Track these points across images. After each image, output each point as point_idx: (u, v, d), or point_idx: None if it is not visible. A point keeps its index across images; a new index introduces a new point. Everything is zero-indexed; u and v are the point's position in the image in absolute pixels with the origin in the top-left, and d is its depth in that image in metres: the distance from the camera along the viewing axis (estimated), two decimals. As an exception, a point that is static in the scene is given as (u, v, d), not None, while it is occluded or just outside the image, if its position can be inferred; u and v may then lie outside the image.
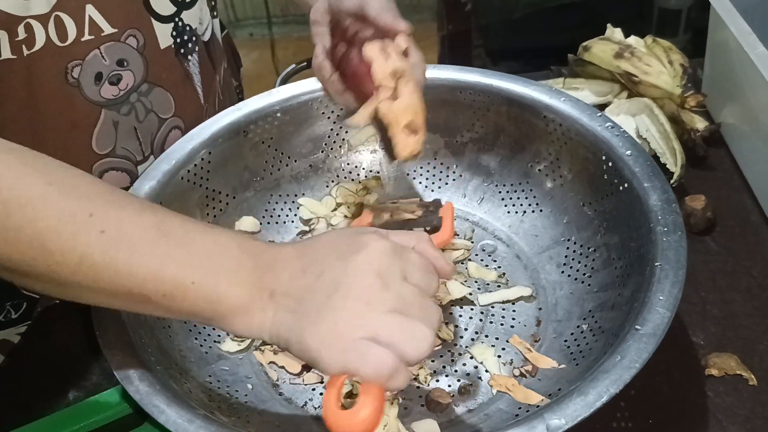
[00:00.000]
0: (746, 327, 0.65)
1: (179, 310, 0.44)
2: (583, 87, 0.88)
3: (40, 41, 0.58)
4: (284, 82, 0.79)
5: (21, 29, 0.56)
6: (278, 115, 0.74)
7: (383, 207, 0.70)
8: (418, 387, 0.61)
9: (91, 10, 0.60)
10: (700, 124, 0.82)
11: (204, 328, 0.65)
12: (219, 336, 0.65)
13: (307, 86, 0.75)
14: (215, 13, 0.78)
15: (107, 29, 0.61)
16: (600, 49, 0.87)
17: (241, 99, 0.89)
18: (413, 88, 0.58)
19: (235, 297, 0.44)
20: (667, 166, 0.76)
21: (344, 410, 0.43)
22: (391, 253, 0.45)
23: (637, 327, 0.51)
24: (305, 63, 0.79)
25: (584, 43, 0.89)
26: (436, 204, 0.69)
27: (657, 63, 0.84)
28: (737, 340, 0.64)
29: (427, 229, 0.67)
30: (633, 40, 0.89)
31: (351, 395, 0.58)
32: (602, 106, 0.84)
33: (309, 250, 0.46)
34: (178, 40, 0.68)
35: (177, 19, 0.67)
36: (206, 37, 0.74)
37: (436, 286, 0.47)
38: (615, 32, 0.91)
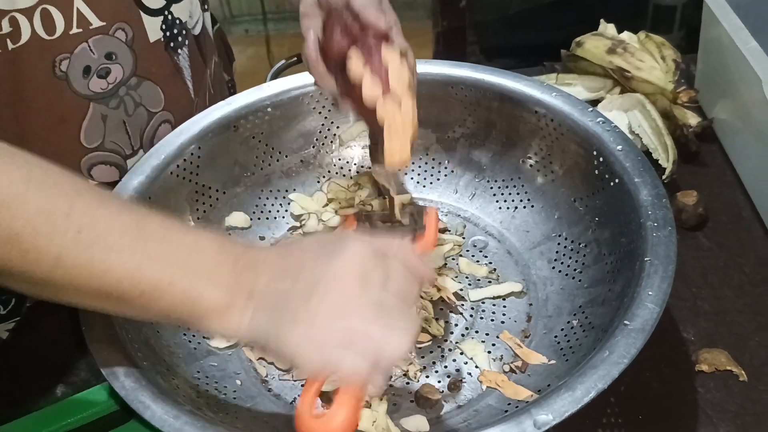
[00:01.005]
0: (737, 323, 0.65)
1: (156, 310, 0.44)
2: (575, 82, 0.88)
3: (25, 35, 0.58)
4: (276, 77, 0.78)
5: (5, 23, 0.56)
6: (269, 110, 0.74)
7: (368, 213, 0.70)
8: (408, 383, 0.60)
9: (79, 3, 0.59)
10: (692, 119, 0.82)
11: (193, 323, 0.64)
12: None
13: (298, 81, 0.75)
14: (206, 6, 0.77)
15: (95, 22, 0.61)
16: (593, 45, 0.87)
17: (234, 94, 0.89)
18: (413, 95, 0.58)
19: (213, 298, 0.43)
20: (659, 161, 0.76)
21: (318, 419, 0.42)
22: (371, 258, 0.45)
23: (626, 322, 0.50)
24: (296, 58, 0.78)
25: (577, 39, 0.89)
26: (420, 210, 0.68)
27: (650, 58, 0.84)
28: (728, 336, 0.64)
29: (411, 236, 0.66)
30: (626, 35, 0.89)
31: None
32: (595, 102, 0.84)
33: (290, 253, 0.46)
34: (168, 33, 0.67)
35: (166, 13, 0.67)
36: (197, 31, 0.73)
37: (416, 293, 0.47)
38: (608, 28, 0.90)
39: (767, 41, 0.73)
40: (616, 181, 0.63)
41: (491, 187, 0.75)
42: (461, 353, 0.62)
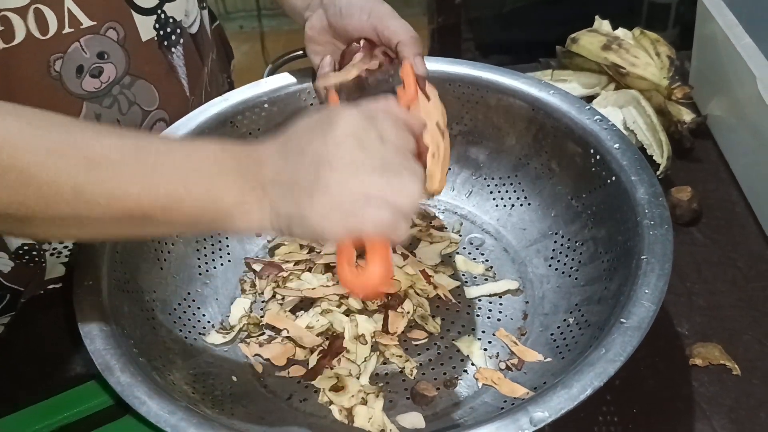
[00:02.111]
0: (731, 318, 0.65)
1: (179, 220, 0.46)
2: (571, 79, 0.88)
3: (20, 35, 0.57)
4: (272, 72, 0.78)
5: None
6: (266, 105, 0.74)
7: (344, 73, 0.67)
8: (404, 380, 0.60)
9: (69, 3, 0.59)
10: (686, 116, 0.82)
11: (189, 319, 0.64)
12: (204, 328, 0.65)
13: (295, 77, 0.75)
14: (204, 4, 0.77)
15: (86, 22, 0.60)
16: (588, 41, 0.87)
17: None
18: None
19: (229, 196, 0.45)
20: (654, 157, 0.77)
21: (358, 270, 0.47)
22: (363, 119, 0.47)
23: (622, 320, 0.51)
24: (293, 54, 0.78)
25: (572, 35, 0.89)
26: (395, 66, 0.66)
27: (644, 55, 0.84)
28: (722, 330, 0.64)
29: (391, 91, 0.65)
30: (621, 32, 0.89)
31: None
32: (590, 98, 0.85)
33: (286, 139, 0.48)
34: (161, 32, 0.67)
35: (159, 12, 0.66)
36: (194, 29, 0.73)
37: (411, 140, 0.49)
38: (603, 24, 0.91)
39: (761, 38, 0.74)
40: (613, 179, 0.63)
41: (488, 185, 0.75)
42: (457, 351, 0.62)
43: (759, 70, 0.70)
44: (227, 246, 0.71)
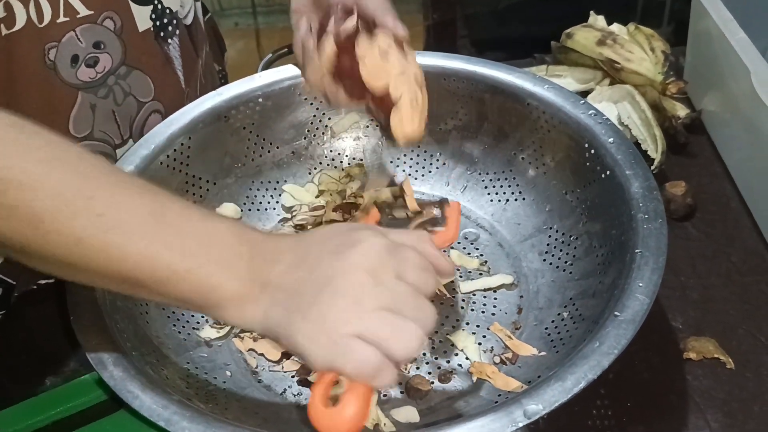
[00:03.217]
0: (725, 311, 0.65)
1: (172, 296, 0.44)
2: (565, 74, 0.88)
3: (20, 21, 0.57)
4: (267, 67, 0.78)
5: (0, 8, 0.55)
6: (260, 100, 0.74)
7: (389, 203, 0.70)
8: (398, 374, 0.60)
9: None
10: (681, 111, 0.82)
11: (183, 314, 0.64)
12: (198, 323, 0.64)
13: (289, 72, 0.74)
14: None
15: (83, 11, 0.60)
16: (583, 36, 0.87)
17: (225, 84, 0.88)
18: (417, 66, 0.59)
19: (229, 288, 0.43)
20: (648, 152, 0.77)
21: (329, 409, 0.43)
22: (385, 250, 0.44)
23: (616, 313, 0.51)
24: (287, 49, 0.78)
25: (567, 31, 0.89)
26: (443, 202, 0.68)
27: (639, 50, 0.84)
28: (716, 324, 0.64)
29: (431, 228, 0.66)
30: (616, 27, 0.89)
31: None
32: (585, 93, 0.85)
33: (305, 244, 0.45)
34: (158, 23, 0.67)
35: (156, 2, 0.66)
36: (188, 21, 0.73)
37: (433, 285, 0.46)
38: (598, 20, 0.91)
39: (756, 33, 0.74)
40: (608, 173, 0.63)
41: (483, 180, 0.75)
42: (452, 345, 0.62)
43: (753, 65, 0.70)
44: (221, 241, 0.71)
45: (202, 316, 0.65)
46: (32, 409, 0.54)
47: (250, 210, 0.74)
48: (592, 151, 0.65)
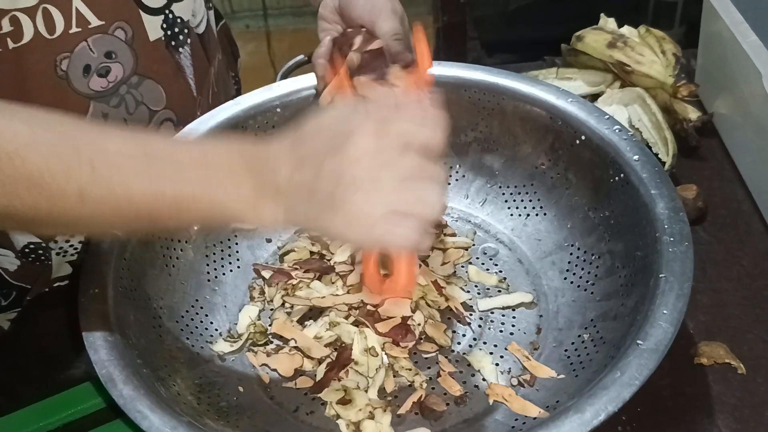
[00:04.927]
0: (735, 316, 0.64)
1: (191, 221, 0.48)
2: (576, 77, 0.87)
3: (28, 34, 0.57)
4: (285, 76, 0.77)
5: (6, 22, 0.55)
6: (278, 110, 0.73)
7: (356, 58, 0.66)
8: (413, 394, 0.59)
9: (77, 3, 0.59)
10: (692, 114, 0.81)
11: (196, 327, 0.63)
12: (211, 336, 0.64)
13: (307, 81, 0.73)
14: (210, 5, 0.76)
15: (94, 21, 0.60)
16: (593, 39, 0.86)
17: (238, 90, 0.87)
18: None
19: (240, 200, 0.45)
20: (659, 155, 0.76)
21: (386, 279, 0.49)
22: (378, 128, 0.45)
23: (638, 342, 0.49)
24: (306, 57, 0.77)
25: (577, 33, 0.88)
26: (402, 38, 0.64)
27: (650, 53, 0.83)
28: (727, 329, 0.63)
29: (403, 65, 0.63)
30: (626, 30, 0.88)
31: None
32: (595, 96, 0.84)
33: (300, 143, 0.46)
34: (169, 32, 0.66)
35: (167, 12, 0.66)
36: (201, 30, 0.72)
37: (432, 136, 0.46)
38: (608, 22, 0.90)
39: (767, 35, 0.73)
40: (632, 191, 0.61)
41: (503, 194, 0.73)
42: (468, 365, 0.61)
43: (765, 68, 0.69)
44: (237, 252, 0.70)
45: (216, 329, 0.64)
46: (27, 418, 0.54)
47: (266, 220, 0.73)
48: (616, 168, 0.63)
